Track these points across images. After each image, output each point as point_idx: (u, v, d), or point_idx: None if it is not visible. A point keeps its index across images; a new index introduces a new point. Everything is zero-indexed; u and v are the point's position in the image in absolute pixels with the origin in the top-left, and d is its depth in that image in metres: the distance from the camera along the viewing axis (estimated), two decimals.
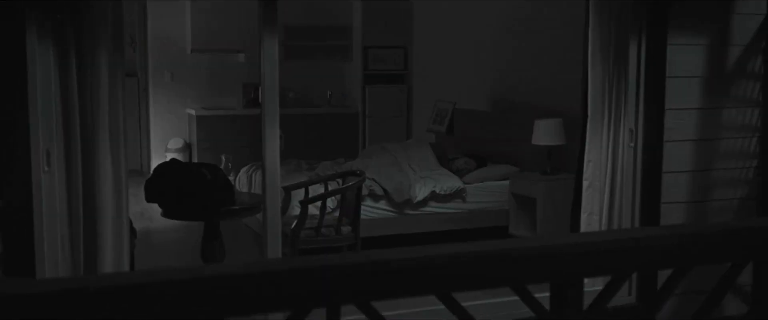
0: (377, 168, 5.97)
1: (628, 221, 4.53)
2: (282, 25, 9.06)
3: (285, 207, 4.80)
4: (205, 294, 1.72)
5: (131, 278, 1.75)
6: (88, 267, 3.56)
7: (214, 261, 4.62)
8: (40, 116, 3.37)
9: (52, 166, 3.42)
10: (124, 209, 3.71)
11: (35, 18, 3.34)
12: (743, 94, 4.64)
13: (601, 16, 4.39)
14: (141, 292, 1.62)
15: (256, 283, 1.87)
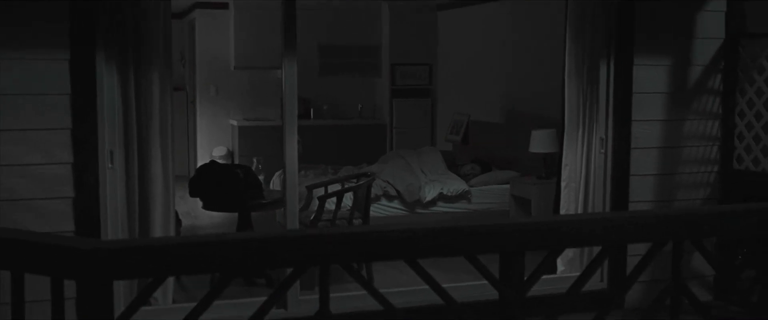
0: (392, 172, 6.76)
1: None
2: (317, 44, 9.93)
3: (307, 203, 5.60)
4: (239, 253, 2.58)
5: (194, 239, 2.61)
6: None
7: None
8: (106, 123, 4.22)
9: (115, 163, 4.27)
10: (171, 201, 4.54)
11: (103, 44, 4.19)
12: (704, 107, 5.32)
13: (576, 41, 5.12)
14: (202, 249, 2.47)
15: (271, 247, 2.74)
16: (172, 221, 4.52)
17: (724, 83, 5.31)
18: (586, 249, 5.20)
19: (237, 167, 5.46)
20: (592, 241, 3.68)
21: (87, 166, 4.19)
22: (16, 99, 4.02)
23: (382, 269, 5.29)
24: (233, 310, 4.23)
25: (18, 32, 4.01)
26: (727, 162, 5.36)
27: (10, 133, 4.05)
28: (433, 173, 6.91)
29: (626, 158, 5.16)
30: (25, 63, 4.02)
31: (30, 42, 4.04)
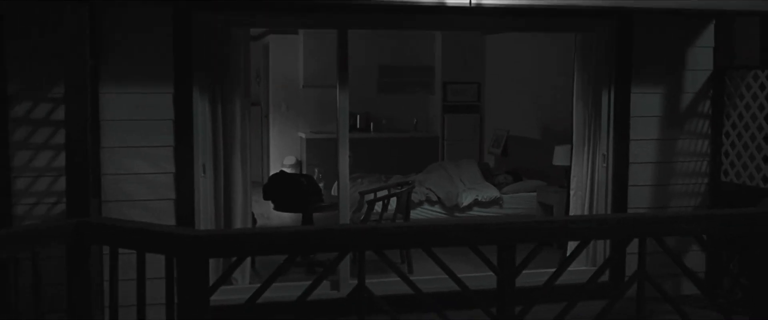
0: (434, 181, 7.84)
1: None
2: (377, 65, 11.06)
3: (359, 206, 6.72)
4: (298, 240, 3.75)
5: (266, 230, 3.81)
6: None
7: None
8: (199, 142, 5.42)
9: (206, 173, 5.47)
10: (249, 203, 5.72)
11: (197, 80, 5.39)
12: (695, 128, 6.25)
13: (582, 72, 6.13)
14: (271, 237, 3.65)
15: (320, 237, 3.91)
16: (249, 219, 5.70)
17: (713, 108, 6.23)
18: (592, 247, 6.18)
19: (301, 176, 6.63)
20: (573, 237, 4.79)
21: (185, 176, 5.39)
22: (134, 123, 5.25)
23: (422, 262, 6.35)
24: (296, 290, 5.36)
25: (139, 73, 5.24)
26: (715, 176, 6.27)
27: (128, 149, 5.27)
28: (470, 182, 7.97)
29: (625, 171, 6.12)
30: (145, 95, 5.25)
31: (144, 80, 5.26)
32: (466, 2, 4.99)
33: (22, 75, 5.07)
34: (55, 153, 5.17)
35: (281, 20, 5.77)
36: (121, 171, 5.26)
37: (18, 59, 5.04)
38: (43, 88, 5.10)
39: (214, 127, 5.50)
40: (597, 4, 5.27)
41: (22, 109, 5.09)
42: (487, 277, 4.77)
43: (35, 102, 5.11)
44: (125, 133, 5.25)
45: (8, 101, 5.06)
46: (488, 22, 5.85)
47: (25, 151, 5.13)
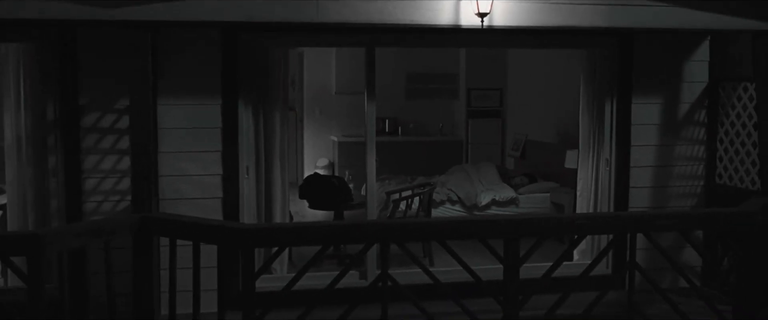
0: (455, 182, 8.51)
1: None
2: (405, 73, 11.73)
3: (386, 205, 7.40)
4: (329, 233, 4.47)
5: (302, 224, 4.54)
6: None
7: None
8: (244, 147, 6.13)
9: (249, 175, 6.18)
10: (287, 201, 6.43)
11: (242, 93, 6.11)
12: (691, 135, 6.85)
13: (587, 85, 6.76)
14: (307, 230, 4.37)
15: (349, 231, 4.61)
16: (287, 216, 6.41)
17: (708, 116, 6.83)
18: (596, 242, 6.79)
19: (333, 177, 7.34)
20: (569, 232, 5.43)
21: (231, 177, 6.11)
22: (188, 131, 5.98)
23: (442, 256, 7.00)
24: (328, 279, 6.04)
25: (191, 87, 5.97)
26: (710, 178, 6.86)
27: (181, 153, 6.01)
28: (489, 183, 8.63)
29: (626, 174, 6.73)
30: (196, 106, 5.98)
31: (196, 93, 5.99)
32: (479, 24, 5.65)
33: (91, 89, 5.83)
34: (119, 157, 5.92)
35: (315, 40, 6.46)
36: (175, 173, 5.99)
37: (89, 75, 5.80)
38: (110, 100, 5.85)
39: (257, 134, 6.21)
40: (598, 25, 5.89)
41: (91, 118, 5.85)
42: (498, 269, 5.37)
43: (103, 112, 5.87)
44: (180, 140, 5.98)
45: (80, 112, 5.82)
46: (500, 40, 6.49)
47: (93, 155, 5.89)
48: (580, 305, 5.41)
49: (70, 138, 5.82)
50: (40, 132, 5.83)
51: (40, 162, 5.85)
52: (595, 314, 5.60)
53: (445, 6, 5.64)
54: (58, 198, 5.86)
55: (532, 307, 5.27)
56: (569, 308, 5.35)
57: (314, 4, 5.46)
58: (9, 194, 5.95)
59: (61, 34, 5.73)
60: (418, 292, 5.14)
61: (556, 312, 5.28)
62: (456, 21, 5.67)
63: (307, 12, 5.47)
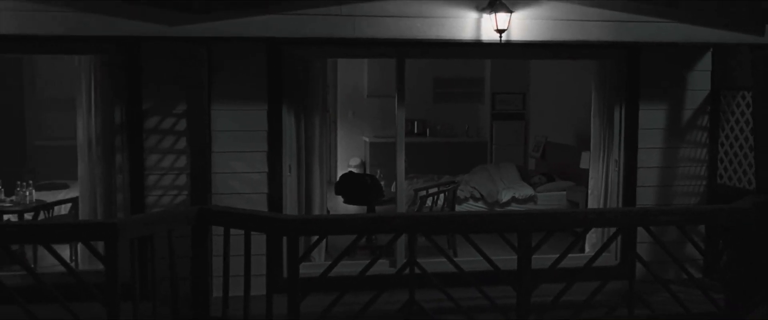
0: (478, 180, 9.18)
1: None
2: (433, 77, 12.40)
3: (414, 201, 8.08)
4: (362, 224, 5.22)
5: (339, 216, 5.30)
6: None
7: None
8: (286, 148, 6.85)
9: (291, 173, 6.90)
10: (325, 197, 7.14)
11: (286, 100, 6.83)
12: (694, 139, 7.45)
13: (598, 92, 7.39)
14: (342, 222, 5.11)
15: (379, 222, 5.35)
16: (325, 210, 7.12)
17: (710, 122, 7.43)
18: (606, 235, 7.40)
19: (366, 175, 8.05)
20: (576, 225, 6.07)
21: (275, 174, 6.84)
22: (237, 133, 6.71)
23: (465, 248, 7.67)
24: (360, 267, 6.74)
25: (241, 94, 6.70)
26: (712, 179, 7.46)
27: (231, 153, 6.74)
28: (509, 181, 9.29)
29: (634, 174, 7.35)
30: (244, 112, 6.71)
31: (244, 100, 6.72)
32: (497, 39, 6.32)
33: (153, 95, 6.58)
34: (177, 156, 6.68)
35: (350, 52, 7.17)
36: (226, 170, 6.73)
37: (151, 83, 6.56)
38: (169, 106, 6.61)
39: (298, 136, 6.93)
40: (606, 39, 6.52)
41: (153, 121, 6.61)
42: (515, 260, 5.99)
43: (163, 116, 6.63)
44: (230, 141, 6.71)
45: (143, 116, 6.58)
46: (517, 53, 7.13)
47: (155, 154, 6.64)
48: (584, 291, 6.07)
49: (135, 139, 6.58)
50: (109, 133, 6.60)
51: (108, 161, 6.61)
52: (602, 301, 6.26)
53: (467, 23, 6.31)
54: (124, 192, 6.62)
55: (545, 294, 5.93)
56: (581, 295, 6.00)
57: (351, 22, 6.17)
58: (80, 188, 6.73)
59: (128, 48, 6.49)
60: (442, 280, 5.82)
61: (567, 298, 5.94)
62: (477, 36, 6.34)
63: (344, 29, 6.17)
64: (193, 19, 5.94)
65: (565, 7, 6.40)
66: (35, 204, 7.49)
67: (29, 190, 7.52)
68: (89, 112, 6.61)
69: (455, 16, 6.28)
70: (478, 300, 5.90)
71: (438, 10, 6.25)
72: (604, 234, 7.27)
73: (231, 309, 6.04)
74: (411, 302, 5.77)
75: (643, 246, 6.63)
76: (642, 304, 6.21)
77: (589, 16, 6.45)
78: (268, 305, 5.78)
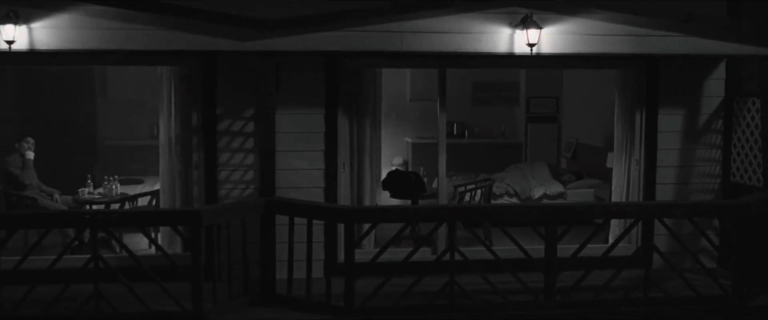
0: (512, 178, 10.00)
1: None
2: (471, 82, 13.21)
3: (453, 196, 8.93)
4: (407, 214, 6.13)
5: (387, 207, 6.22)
6: None
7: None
8: (341, 147, 7.74)
9: (345, 170, 7.79)
10: (374, 191, 8.02)
11: (341, 105, 7.72)
12: (709, 140, 8.19)
13: (621, 98, 8.17)
14: (391, 212, 6.01)
15: (423, 212, 6.25)
16: (374, 204, 8.00)
17: (724, 125, 8.17)
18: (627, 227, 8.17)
19: (410, 173, 8.93)
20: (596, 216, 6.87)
21: (330, 171, 7.73)
22: (297, 134, 7.62)
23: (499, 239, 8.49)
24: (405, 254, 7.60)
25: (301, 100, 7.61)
26: (726, 177, 8.20)
27: (293, 152, 7.64)
28: (541, 179, 10.09)
29: (653, 173, 8.11)
30: (304, 116, 7.61)
31: (305, 105, 7.62)
32: (529, 52, 7.14)
33: (225, 101, 7.52)
34: (245, 154, 7.61)
35: (398, 63, 8.04)
36: (288, 167, 7.63)
37: (223, 91, 7.49)
38: (239, 110, 7.53)
39: (351, 138, 7.82)
40: (627, 52, 7.30)
41: (225, 124, 7.55)
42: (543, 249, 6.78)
43: (234, 119, 7.56)
44: (292, 141, 7.62)
45: (216, 119, 7.52)
46: (546, 63, 7.93)
47: (226, 152, 7.58)
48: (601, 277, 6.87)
49: (209, 139, 7.52)
50: (187, 134, 7.54)
51: (186, 158, 7.56)
52: (621, 285, 7.03)
53: (501, 38, 7.14)
54: (199, 186, 7.56)
55: (571, 279, 6.73)
56: (603, 280, 6.79)
57: (399, 37, 7.04)
58: (161, 182, 7.69)
59: (205, 60, 7.43)
60: (479, 266, 6.65)
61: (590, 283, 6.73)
62: (510, 49, 7.17)
63: (394, 43, 7.04)
64: (263, 36, 6.85)
65: (589, 24, 7.20)
66: (120, 196, 8.47)
67: (115, 184, 8.52)
68: (170, 116, 7.56)
69: (491, 31, 7.11)
70: (511, 284, 6.72)
71: (476, 26, 7.09)
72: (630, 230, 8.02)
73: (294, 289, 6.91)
74: (451, 283, 6.61)
75: (661, 238, 7.39)
76: (658, 289, 6.96)
77: (612, 31, 7.23)
78: (328, 285, 6.67)
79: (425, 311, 6.60)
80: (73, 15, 6.68)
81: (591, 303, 6.73)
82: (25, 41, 6.65)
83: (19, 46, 6.62)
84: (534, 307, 6.68)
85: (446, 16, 7.04)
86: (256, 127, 7.48)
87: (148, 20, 6.76)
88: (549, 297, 6.64)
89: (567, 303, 6.69)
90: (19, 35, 6.59)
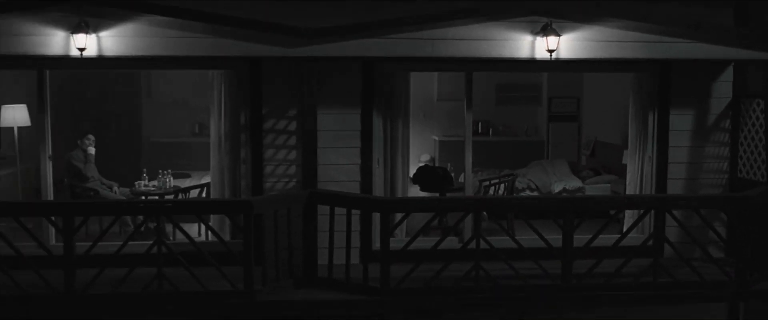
0: (533, 173, 10.65)
1: None
2: (495, 83, 13.86)
3: (478, 190, 9.60)
4: (436, 204, 6.85)
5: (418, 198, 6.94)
6: None
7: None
8: (375, 144, 8.43)
9: (379, 165, 8.49)
10: (406, 185, 8.71)
11: (375, 105, 8.42)
12: (718, 139, 8.79)
13: (635, 99, 8.80)
14: (422, 202, 6.72)
15: (451, 203, 6.96)
16: (406, 195, 8.70)
17: (731, 125, 8.77)
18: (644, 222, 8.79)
19: (439, 168, 9.62)
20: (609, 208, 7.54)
21: (366, 166, 8.43)
22: (336, 132, 8.32)
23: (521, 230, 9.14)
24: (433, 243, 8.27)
25: (339, 101, 8.32)
26: (733, 173, 8.80)
27: (332, 149, 8.34)
28: (560, 175, 10.74)
29: (665, 169, 8.73)
30: (342, 115, 8.32)
31: (342, 105, 8.33)
32: (548, 57, 7.79)
33: (271, 101, 8.24)
34: (288, 150, 8.33)
35: (428, 67, 8.73)
36: (328, 162, 8.34)
37: (269, 92, 8.21)
38: (283, 110, 8.26)
39: (385, 135, 8.51)
40: (640, 57, 7.93)
41: (270, 123, 8.27)
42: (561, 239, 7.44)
43: (278, 119, 8.28)
44: (331, 139, 8.32)
45: (262, 118, 8.24)
46: (566, 67, 8.58)
47: (271, 149, 8.30)
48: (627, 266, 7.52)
49: (256, 136, 8.24)
50: (235, 132, 8.28)
51: (235, 154, 8.29)
52: (632, 272, 7.65)
53: (523, 44, 7.80)
54: (246, 179, 8.29)
55: (587, 267, 7.38)
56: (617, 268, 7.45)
57: (430, 43, 7.72)
58: (212, 175, 8.43)
59: (253, 64, 8.16)
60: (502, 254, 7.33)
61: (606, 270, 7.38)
62: (532, 55, 7.83)
63: (425, 49, 7.73)
64: (305, 43, 7.56)
65: (604, 31, 7.84)
66: (173, 188, 9.24)
67: (168, 177, 9.28)
68: (220, 116, 8.30)
69: (514, 39, 7.78)
70: (532, 270, 7.39)
71: (500, 34, 7.76)
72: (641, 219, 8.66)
73: (334, 273, 7.61)
74: (476, 267, 7.29)
75: (672, 230, 8.01)
76: (666, 275, 7.60)
77: (625, 37, 7.87)
78: (365, 269, 7.38)
79: (453, 292, 7.28)
80: (136, 25, 7.43)
81: (604, 286, 7.38)
82: (95, 48, 7.41)
83: (89, 52, 7.38)
84: (553, 290, 7.34)
85: (473, 24, 7.72)
86: (299, 125, 8.20)
87: (203, 29, 7.49)
88: (566, 281, 7.30)
89: (582, 286, 7.35)
90: (90, 43, 7.35)
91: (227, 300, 7.04)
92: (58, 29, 7.41)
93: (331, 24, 7.63)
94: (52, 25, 7.42)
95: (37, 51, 7.45)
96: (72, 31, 7.32)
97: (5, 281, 6.94)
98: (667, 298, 7.52)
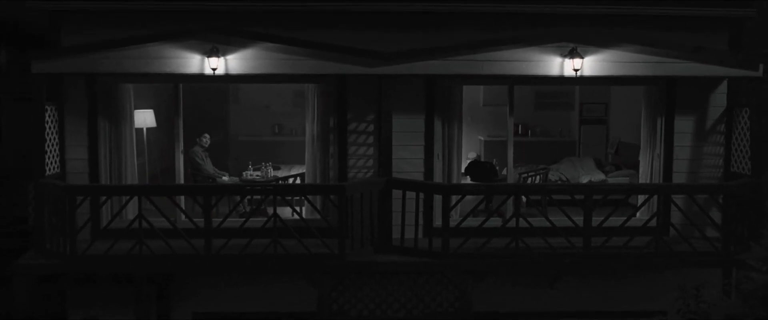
0: (564, 168, 12.72)
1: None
2: (534, 91, 15.92)
3: (518, 180, 11.69)
4: (488, 188, 9.02)
5: (467, 185, 9.13)
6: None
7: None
8: (436, 143, 10.56)
9: (439, 159, 10.63)
10: (459, 176, 10.84)
11: (436, 110, 10.55)
12: (714, 140, 10.78)
13: (646, 106, 10.82)
14: (476, 186, 8.89)
15: (497, 187, 9.11)
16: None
17: (726, 128, 10.75)
18: (653, 203, 10.80)
19: (486, 162, 11.79)
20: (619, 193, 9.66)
21: (428, 160, 10.58)
22: (405, 133, 10.47)
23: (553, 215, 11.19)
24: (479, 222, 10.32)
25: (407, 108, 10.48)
26: (727, 167, 10.78)
27: (402, 146, 10.47)
28: (587, 169, 12.79)
29: (671, 164, 10.74)
30: (409, 119, 10.48)
31: (409, 111, 10.48)
32: (574, 74, 9.87)
33: (354, 108, 10.44)
34: (367, 147, 10.52)
35: (479, 82, 10.86)
36: (398, 157, 10.48)
37: (352, 101, 10.41)
38: (364, 115, 10.45)
39: (443, 135, 10.64)
40: (649, 74, 9.96)
41: (353, 126, 10.48)
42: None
43: (359, 122, 10.48)
44: (401, 138, 10.47)
45: (347, 122, 10.45)
46: (589, 82, 10.64)
47: (353, 146, 10.51)
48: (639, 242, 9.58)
49: (341, 136, 10.44)
50: (325, 133, 10.48)
51: (325, 150, 10.49)
52: (640, 246, 9.69)
53: (554, 64, 9.89)
54: (334, 170, 10.49)
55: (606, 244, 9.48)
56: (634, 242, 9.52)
57: (480, 64, 9.85)
58: (306, 167, 10.66)
59: (339, 80, 10.36)
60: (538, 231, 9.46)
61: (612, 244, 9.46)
62: (561, 72, 9.92)
63: (476, 68, 9.86)
64: (383, 64, 9.73)
65: (619, 54, 9.88)
66: (273, 177, 11.49)
67: (269, 168, 11.54)
68: (312, 120, 10.51)
69: (546, 60, 9.88)
70: (563, 244, 9.50)
71: (535, 56, 9.86)
72: (650, 207, 10.68)
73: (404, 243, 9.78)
74: (516, 240, 9.41)
75: (677, 214, 10.06)
76: (667, 248, 9.64)
77: (636, 59, 9.91)
78: (429, 240, 9.55)
79: (498, 256, 9.42)
80: (254, 50, 9.68)
81: (614, 256, 9.46)
82: (223, 68, 9.66)
83: (219, 71, 9.65)
84: (574, 257, 9.44)
85: (514, 49, 9.82)
86: (376, 127, 10.38)
87: (303, 53, 9.70)
88: (586, 248, 9.39)
89: (597, 254, 9.43)
90: (219, 64, 9.62)
91: (327, 261, 9.27)
92: (194, 53, 9.67)
93: (402, 48, 9.78)
94: (189, 50, 9.68)
95: (178, 70, 9.72)
96: (207, 55, 9.58)
97: (162, 245, 9.23)
98: (666, 264, 9.57)
